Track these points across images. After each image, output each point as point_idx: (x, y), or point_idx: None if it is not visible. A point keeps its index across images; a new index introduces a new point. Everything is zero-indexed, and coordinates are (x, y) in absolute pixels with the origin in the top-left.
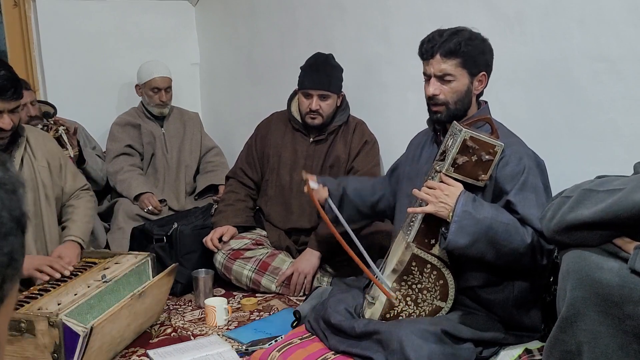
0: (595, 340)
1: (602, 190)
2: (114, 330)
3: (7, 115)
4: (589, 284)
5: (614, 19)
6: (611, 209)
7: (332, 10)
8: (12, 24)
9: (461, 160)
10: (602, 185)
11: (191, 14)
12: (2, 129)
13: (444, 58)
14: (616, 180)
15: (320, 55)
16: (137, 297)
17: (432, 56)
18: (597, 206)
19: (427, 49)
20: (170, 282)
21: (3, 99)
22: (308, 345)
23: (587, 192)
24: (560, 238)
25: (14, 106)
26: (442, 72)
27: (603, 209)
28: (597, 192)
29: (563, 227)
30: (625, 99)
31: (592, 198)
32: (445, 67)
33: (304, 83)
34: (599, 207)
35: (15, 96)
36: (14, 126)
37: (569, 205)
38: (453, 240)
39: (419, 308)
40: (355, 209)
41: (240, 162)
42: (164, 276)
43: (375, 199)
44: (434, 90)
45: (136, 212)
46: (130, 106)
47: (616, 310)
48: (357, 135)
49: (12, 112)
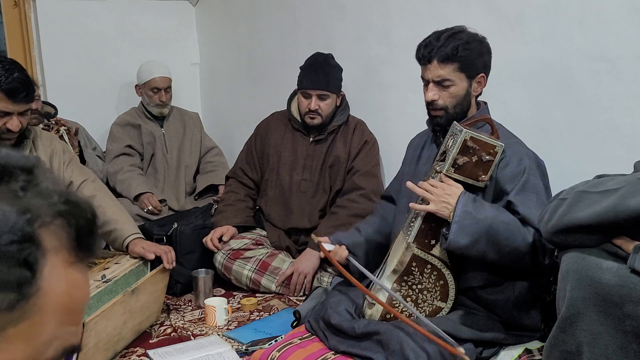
0: (595, 340)
1: (596, 192)
2: (109, 327)
3: (16, 118)
4: (589, 284)
5: (614, 19)
6: (607, 215)
7: (333, 10)
8: (12, 24)
9: (461, 160)
10: (596, 187)
11: (191, 14)
12: (10, 130)
13: (442, 64)
14: (611, 181)
15: (319, 55)
16: (130, 294)
17: (429, 61)
18: (592, 208)
19: (424, 54)
20: (165, 279)
21: (14, 101)
22: (308, 345)
23: (581, 193)
24: (558, 240)
25: (24, 109)
26: (440, 77)
27: (599, 213)
28: (591, 194)
29: (560, 229)
30: (625, 99)
31: (587, 200)
32: (443, 72)
33: (302, 83)
34: (594, 210)
35: (26, 99)
36: (21, 128)
37: (564, 208)
38: (454, 240)
39: (419, 308)
40: (380, 247)
41: (240, 162)
42: (157, 273)
43: (393, 227)
44: (432, 96)
45: (136, 212)
46: (130, 106)
47: (616, 310)
48: (357, 135)
49: (21, 115)
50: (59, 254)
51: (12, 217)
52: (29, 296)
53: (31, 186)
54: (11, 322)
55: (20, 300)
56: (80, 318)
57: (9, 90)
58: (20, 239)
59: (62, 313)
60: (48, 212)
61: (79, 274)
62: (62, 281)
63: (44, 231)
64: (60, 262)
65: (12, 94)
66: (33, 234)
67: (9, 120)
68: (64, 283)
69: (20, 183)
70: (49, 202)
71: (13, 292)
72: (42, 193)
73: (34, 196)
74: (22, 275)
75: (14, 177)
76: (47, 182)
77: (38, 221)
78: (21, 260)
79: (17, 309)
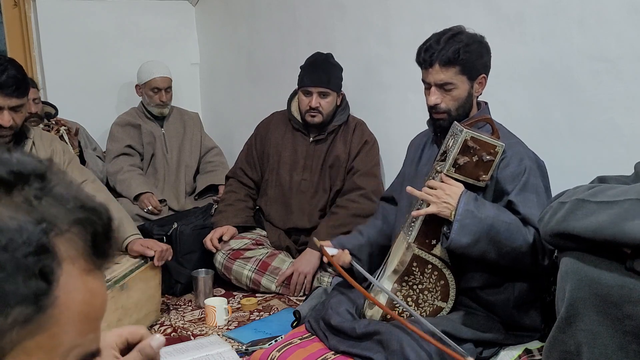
0: (594, 340)
1: (595, 202)
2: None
3: (7, 112)
4: (588, 285)
5: (613, 19)
6: (602, 232)
7: (333, 10)
8: (12, 23)
9: (462, 160)
10: (596, 196)
11: (191, 14)
12: (1, 125)
13: (443, 67)
14: (611, 190)
15: (319, 54)
16: (120, 289)
17: (430, 65)
18: (588, 220)
19: (425, 58)
20: (157, 276)
21: (3, 95)
22: (308, 345)
23: (579, 202)
24: (555, 242)
25: (15, 104)
26: (442, 81)
27: (594, 228)
28: (590, 203)
29: (556, 234)
30: (625, 99)
31: (584, 209)
32: (445, 76)
33: (303, 80)
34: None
35: (16, 94)
36: (15, 125)
37: (562, 214)
38: (455, 239)
39: (420, 308)
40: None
41: (240, 161)
42: (146, 269)
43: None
44: (435, 100)
45: (136, 212)
46: (130, 106)
47: (615, 310)
48: (357, 135)
49: (14, 111)
50: (75, 263)
51: (29, 227)
52: (45, 308)
53: (45, 193)
54: (29, 334)
55: (37, 312)
56: (98, 324)
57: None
58: (36, 250)
59: (81, 322)
60: (64, 220)
61: (96, 281)
62: (79, 290)
63: (60, 240)
64: (76, 271)
65: (2, 88)
66: (49, 244)
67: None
68: (82, 292)
69: (34, 191)
70: (65, 209)
71: (30, 305)
72: (57, 200)
73: (49, 204)
74: (38, 287)
75: (28, 183)
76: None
77: (54, 230)
78: (37, 272)
79: (34, 322)
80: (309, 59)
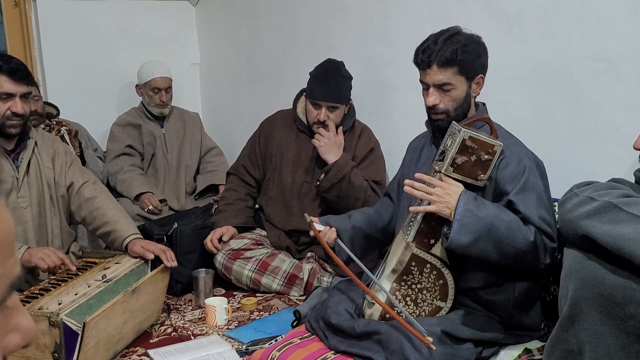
0: (597, 340)
1: (627, 212)
2: (109, 327)
3: (19, 100)
4: (592, 284)
5: (613, 19)
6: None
7: (333, 10)
8: (13, 24)
9: (460, 160)
10: (629, 206)
11: (191, 14)
12: (16, 114)
13: (441, 68)
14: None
15: (330, 64)
16: (131, 293)
17: (428, 66)
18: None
19: (423, 59)
20: (166, 279)
21: (16, 81)
22: (308, 344)
23: (611, 206)
24: (567, 232)
25: (25, 91)
26: (440, 82)
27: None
28: (621, 211)
29: (574, 227)
30: (625, 99)
31: (613, 214)
32: (443, 77)
33: (313, 93)
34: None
35: (26, 80)
36: (25, 115)
37: (587, 209)
38: (455, 238)
39: (419, 308)
40: (367, 239)
41: (242, 158)
42: (158, 273)
43: (386, 222)
44: (434, 101)
45: (136, 212)
46: (130, 106)
47: (618, 310)
48: (362, 140)
49: (23, 99)
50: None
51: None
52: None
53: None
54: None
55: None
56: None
57: (10, 70)
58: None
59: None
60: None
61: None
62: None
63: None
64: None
65: (13, 73)
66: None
67: (13, 104)
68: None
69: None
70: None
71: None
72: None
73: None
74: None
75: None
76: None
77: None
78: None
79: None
80: (320, 69)
